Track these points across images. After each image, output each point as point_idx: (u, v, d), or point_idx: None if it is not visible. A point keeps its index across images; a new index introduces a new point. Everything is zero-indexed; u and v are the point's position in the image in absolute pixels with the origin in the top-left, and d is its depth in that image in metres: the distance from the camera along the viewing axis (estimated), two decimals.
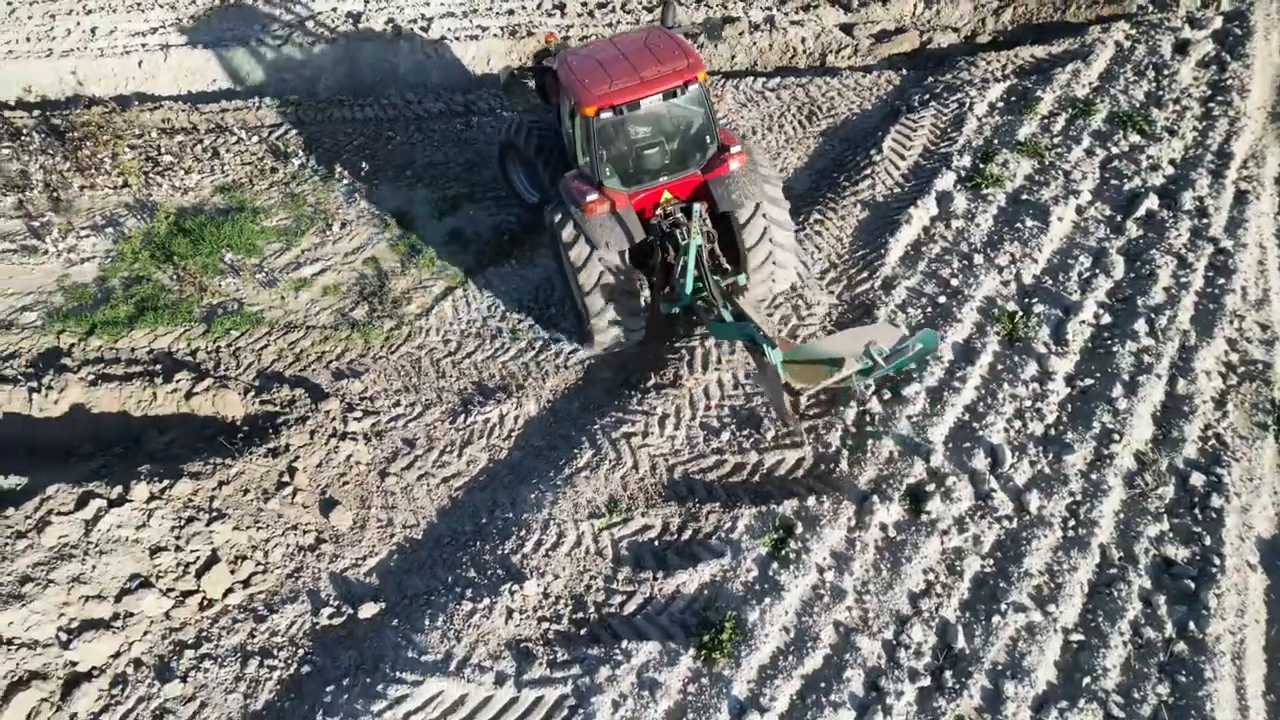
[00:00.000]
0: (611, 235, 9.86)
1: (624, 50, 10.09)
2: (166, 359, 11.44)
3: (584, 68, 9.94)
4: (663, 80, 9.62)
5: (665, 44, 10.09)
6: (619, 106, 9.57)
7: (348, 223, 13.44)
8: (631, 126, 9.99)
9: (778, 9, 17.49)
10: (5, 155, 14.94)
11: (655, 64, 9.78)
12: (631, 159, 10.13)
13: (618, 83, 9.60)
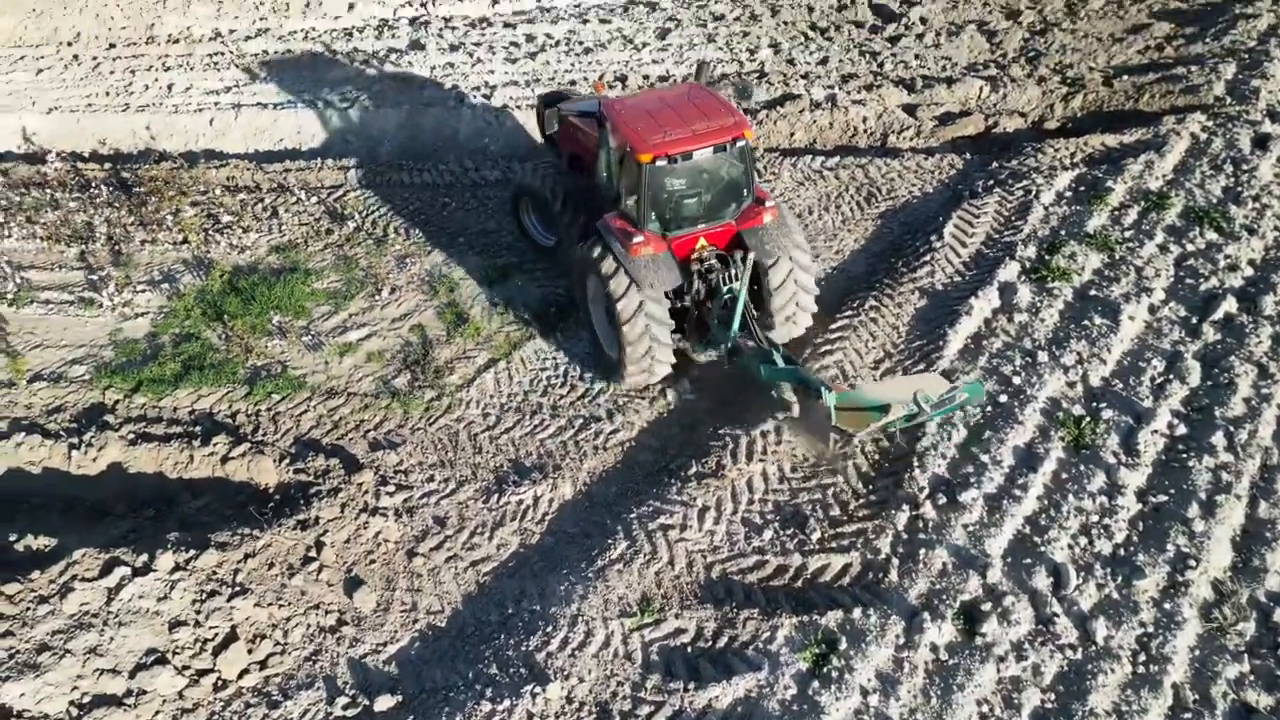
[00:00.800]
0: (655, 276, 10.34)
1: (670, 103, 10.71)
2: (207, 420, 11.40)
3: (634, 116, 10.49)
4: (715, 134, 10.23)
5: (710, 101, 10.80)
6: (674, 155, 10.10)
7: (397, 288, 13.41)
8: (680, 175, 10.49)
9: (840, 88, 17.36)
10: (74, 207, 15.34)
11: (704, 118, 10.38)
12: (674, 206, 10.66)
13: (672, 133, 10.15)
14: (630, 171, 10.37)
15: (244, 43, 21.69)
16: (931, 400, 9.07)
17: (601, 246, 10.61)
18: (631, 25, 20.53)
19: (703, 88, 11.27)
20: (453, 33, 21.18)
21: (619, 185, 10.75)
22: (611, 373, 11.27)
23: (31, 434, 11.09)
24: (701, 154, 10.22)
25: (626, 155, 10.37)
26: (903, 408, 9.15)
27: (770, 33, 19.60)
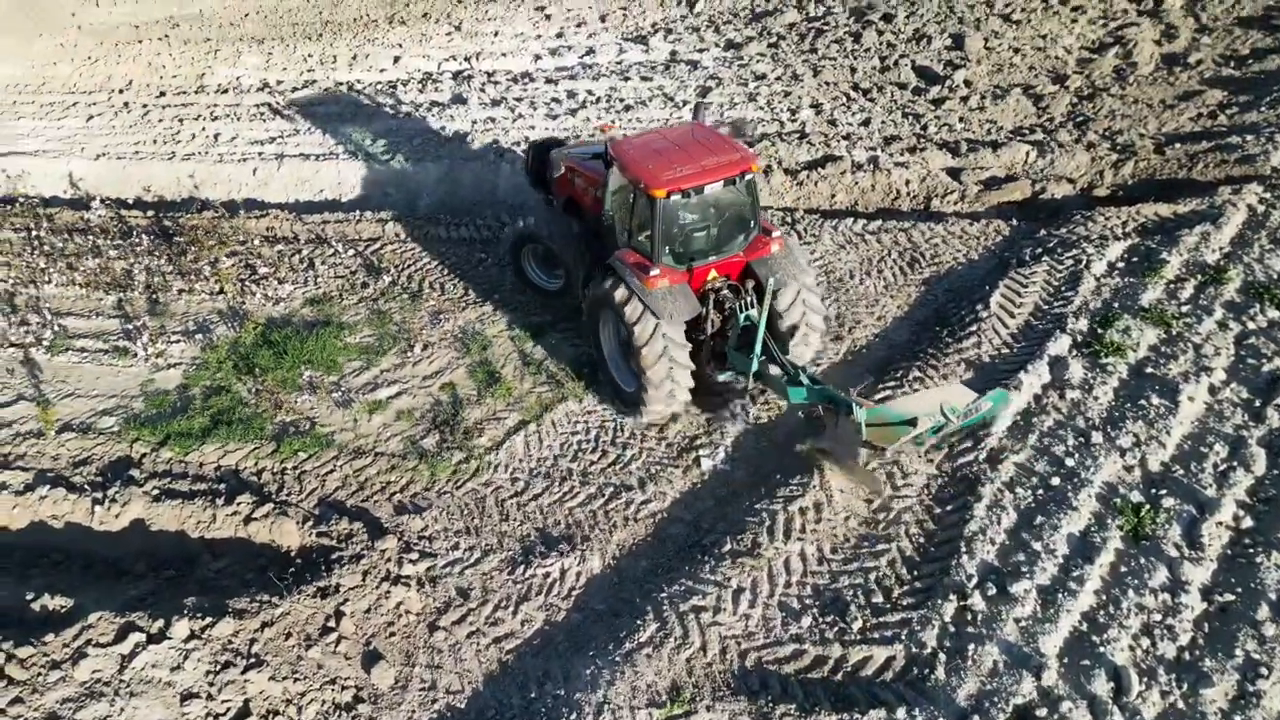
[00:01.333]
0: (673, 306, 10.62)
1: (677, 142, 11.10)
2: (232, 477, 11.20)
3: (644, 155, 10.85)
4: (723, 169, 10.57)
5: (714, 138, 11.25)
6: (687, 190, 10.41)
7: (430, 345, 13.24)
8: (691, 210, 10.88)
9: (882, 149, 17.13)
10: (114, 254, 15.43)
11: (711, 154, 10.75)
12: (686, 239, 11.00)
13: (682, 169, 10.49)
14: (643, 207, 10.68)
15: (291, 93, 22.03)
16: (958, 411, 9.43)
17: (616, 282, 10.85)
18: (673, 83, 20.55)
19: (705, 126, 11.68)
20: (495, 87, 21.35)
21: (631, 222, 11.01)
22: (630, 410, 11.52)
23: (56, 487, 10.96)
24: (711, 188, 10.55)
25: (639, 192, 10.65)
26: (929, 420, 9.42)
27: (812, 93, 19.50)
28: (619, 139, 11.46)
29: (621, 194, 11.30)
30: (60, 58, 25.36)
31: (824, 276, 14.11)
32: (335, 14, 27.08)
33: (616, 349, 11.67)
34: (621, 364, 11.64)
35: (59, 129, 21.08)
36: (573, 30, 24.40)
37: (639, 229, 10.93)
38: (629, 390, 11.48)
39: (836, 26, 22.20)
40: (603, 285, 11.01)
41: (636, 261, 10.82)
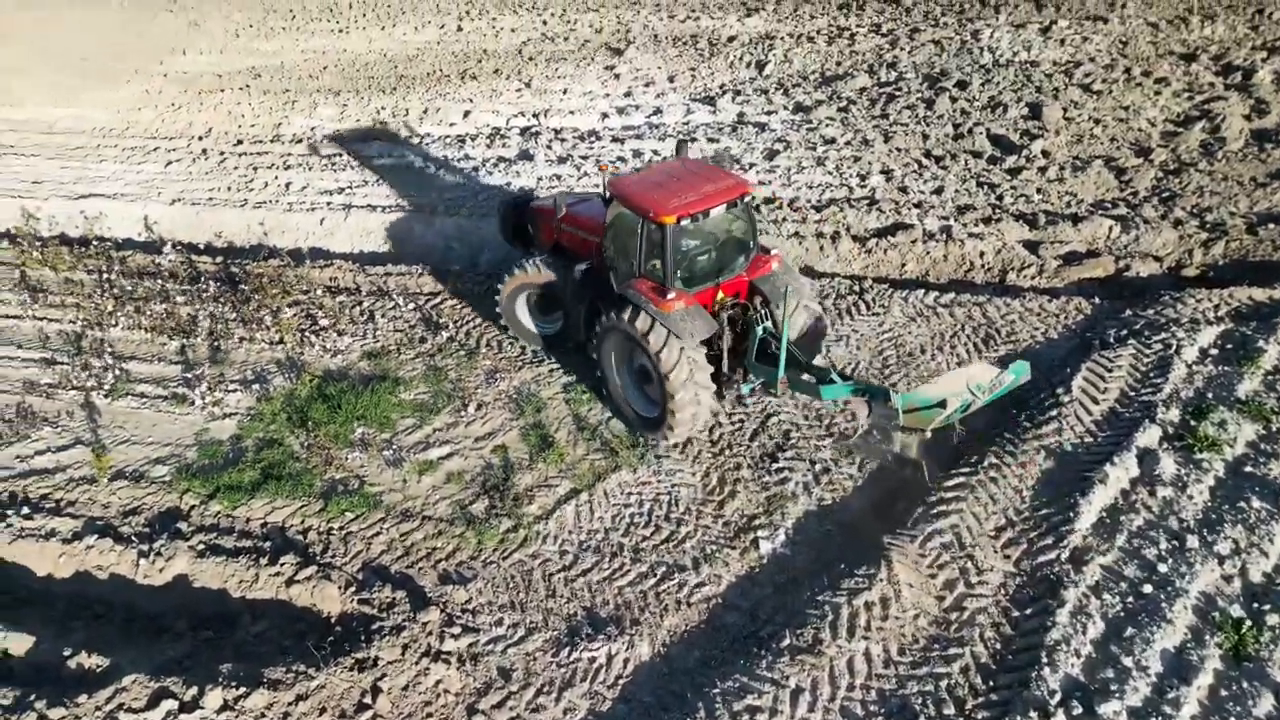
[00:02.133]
0: (692, 326, 11.10)
1: (674, 174, 11.70)
2: (278, 535, 10.98)
3: (647, 187, 11.38)
4: (723, 194, 11.18)
5: (707, 168, 11.88)
6: (695, 215, 10.92)
7: (484, 404, 12.99)
8: (697, 234, 11.52)
9: (955, 219, 16.63)
10: (180, 300, 15.59)
11: (710, 182, 11.36)
12: (694, 263, 11.56)
13: (685, 196, 11.03)
14: (653, 235, 11.12)
15: (361, 146, 22.40)
16: (983, 387, 10.05)
17: (634, 310, 11.24)
18: (739, 145, 20.38)
19: (694, 159, 12.33)
20: (561, 144, 21.42)
21: (640, 252, 11.38)
22: (650, 432, 11.93)
23: (104, 537, 10.86)
24: (715, 212, 11.09)
25: (646, 222, 11.08)
26: (958, 399, 9.95)
27: (882, 158, 19.12)
28: (617, 177, 11.97)
29: (625, 227, 11.72)
30: (145, 104, 26.27)
31: (892, 350, 13.57)
32: (409, 69, 27.70)
33: (630, 378, 12.14)
34: (637, 392, 12.14)
35: (138, 173, 21.68)
36: (641, 90, 24.51)
37: (648, 257, 11.33)
38: (649, 416, 11.92)
39: (909, 92, 21.90)
40: (619, 315, 11.35)
41: (651, 287, 11.26)
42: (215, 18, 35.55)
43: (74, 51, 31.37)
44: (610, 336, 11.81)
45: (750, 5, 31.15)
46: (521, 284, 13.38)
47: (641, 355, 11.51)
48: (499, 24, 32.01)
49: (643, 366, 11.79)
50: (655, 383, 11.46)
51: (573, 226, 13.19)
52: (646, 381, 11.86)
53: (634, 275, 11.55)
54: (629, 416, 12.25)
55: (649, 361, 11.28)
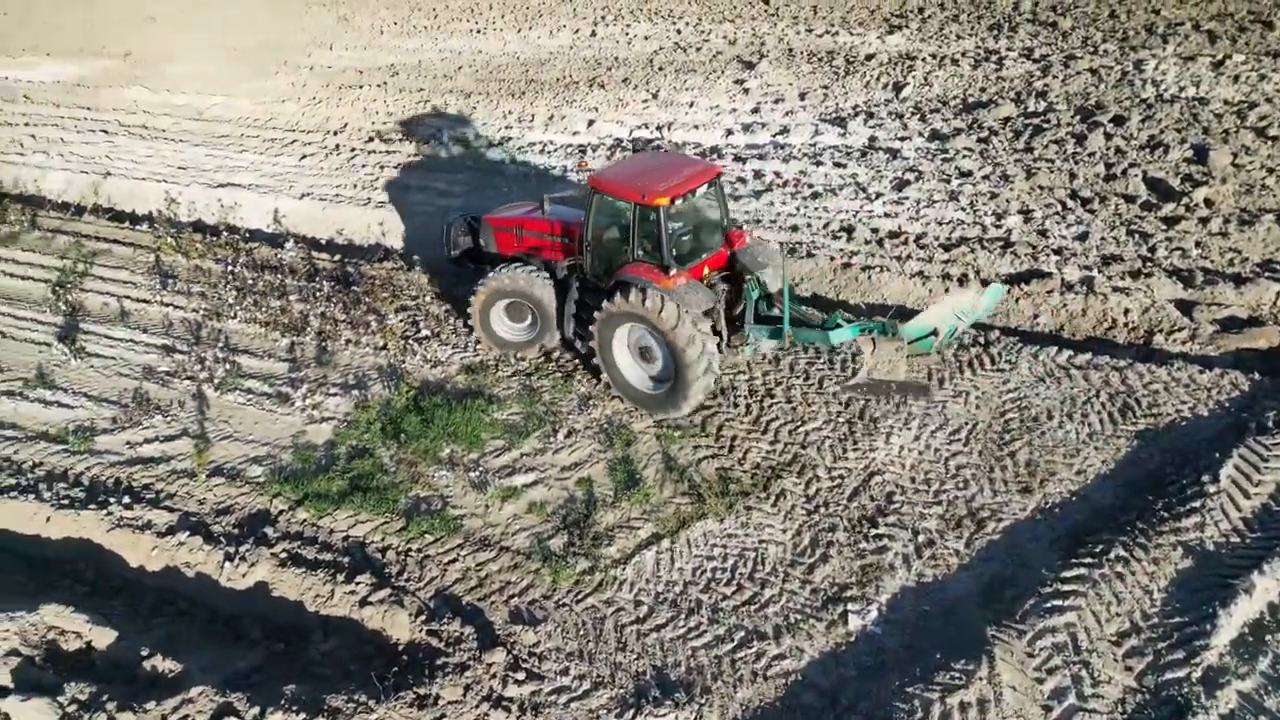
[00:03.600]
0: (695, 299, 11.95)
1: (648, 164, 13.22)
2: (358, 550, 10.93)
3: (630, 177, 12.36)
4: (701, 175, 12.30)
5: (678, 156, 14.02)
6: (685, 195, 11.90)
7: (574, 432, 12.67)
8: (684, 215, 12.55)
9: (1099, 270, 15.30)
10: (295, 297, 15.92)
11: (685, 167, 12.60)
12: (683, 242, 12.56)
13: (668, 181, 11.94)
14: (646, 221, 11.99)
15: (485, 150, 22.55)
16: (967, 311, 12.13)
17: (638, 292, 11.86)
18: (868, 172, 19.45)
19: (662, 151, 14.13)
20: None
21: (633, 239, 12.18)
22: (661, 408, 12.60)
23: (195, 534, 11.07)
24: (699, 192, 12.18)
25: (639, 208, 11.89)
26: (946, 325, 11.80)
27: (1022, 196, 17.85)
28: (595, 172, 12.86)
29: (612, 218, 12.61)
30: (289, 96, 27.25)
31: (1015, 412, 12.52)
32: (540, 73, 27.81)
33: (631, 359, 12.74)
34: (639, 371, 12.79)
35: (274, 165, 22.44)
36: (769, 106, 23.80)
37: (642, 243, 12.16)
38: (655, 393, 12.62)
39: (1058, 125, 20.43)
40: (625, 299, 11.94)
41: (648, 269, 12.00)
42: (364, 13, 36.75)
43: (229, 41, 32.96)
44: (611, 323, 12.36)
45: (893, 22, 29.95)
46: (495, 293, 13.68)
47: (645, 336, 12.35)
48: (633, 31, 31.84)
49: (645, 347, 12.54)
50: (661, 359, 12.39)
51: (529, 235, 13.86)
52: (649, 360, 12.62)
53: (626, 263, 12.32)
54: (636, 397, 12.82)
55: (657, 339, 12.12)
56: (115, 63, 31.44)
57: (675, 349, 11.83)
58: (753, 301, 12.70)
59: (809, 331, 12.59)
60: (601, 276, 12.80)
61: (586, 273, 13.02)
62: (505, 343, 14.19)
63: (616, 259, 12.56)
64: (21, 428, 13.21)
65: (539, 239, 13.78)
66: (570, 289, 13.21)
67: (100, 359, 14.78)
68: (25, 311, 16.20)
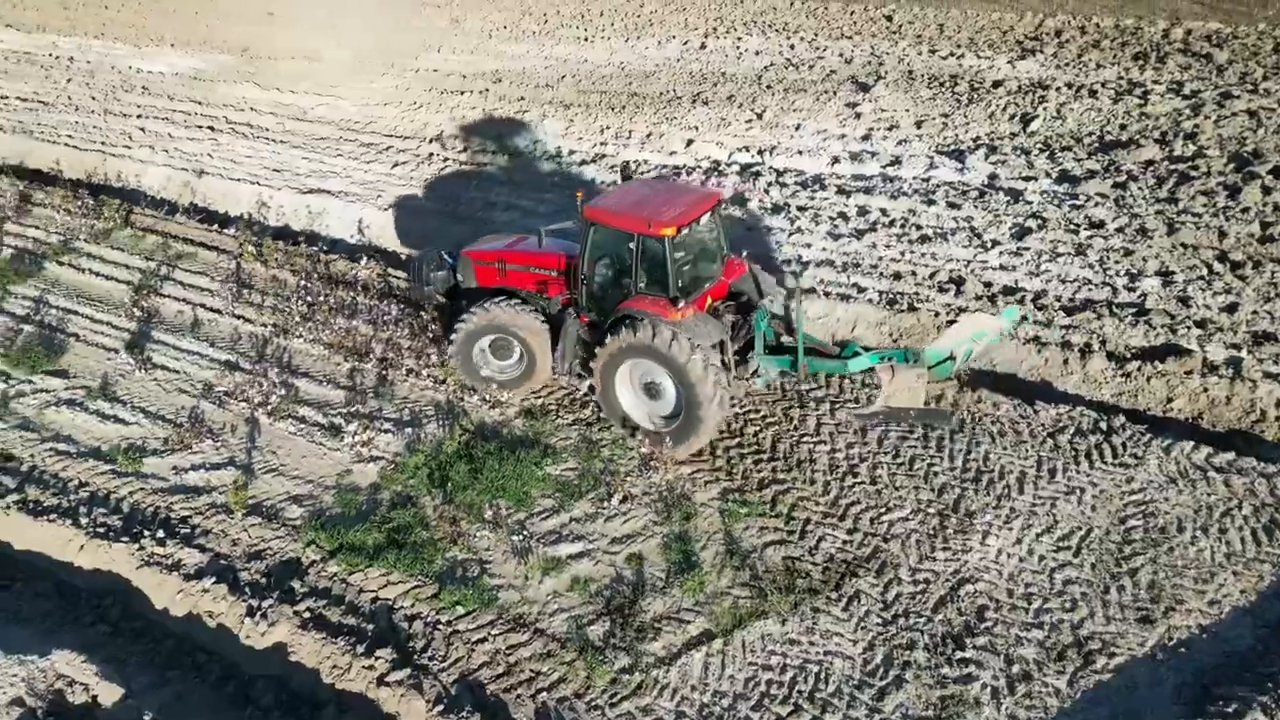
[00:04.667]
0: (705, 331, 11.63)
1: (646, 192, 12.44)
2: (385, 616, 10.14)
3: (630, 207, 11.77)
4: (703, 203, 11.98)
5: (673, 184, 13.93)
6: (690, 224, 11.56)
7: (631, 497, 11.62)
8: (688, 245, 12.05)
9: (1249, 350, 13.33)
10: (363, 320, 15.37)
11: (684, 194, 12.45)
12: (686, 272, 12.07)
13: (671, 210, 11.54)
14: (650, 251, 11.52)
15: (577, 167, 21.74)
16: (983, 335, 11.80)
17: (645, 326, 11.40)
18: (985, 216, 17.73)
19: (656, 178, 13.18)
20: (780, 189, 19.65)
21: (635, 271, 11.69)
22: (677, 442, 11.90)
23: (220, 581, 10.50)
24: (704, 220, 11.89)
25: (642, 239, 11.42)
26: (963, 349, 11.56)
27: (1162, 255, 15.88)
28: (591, 203, 12.07)
29: (611, 250, 12.11)
30: (392, 100, 27.08)
31: (1139, 519, 10.84)
32: (643, 86, 26.87)
33: (636, 396, 12.29)
34: (647, 405, 12.31)
35: (366, 172, 22.15)
36: (881, 134, 22.21)
37: (645, 274, 11.71)
38: (664, 430, 12.05)
39: (1207, 174, 18.23)
40: (633, 334, 11.47)
41: (654, 301, 11.57)
42: (475, 16, 36.59)
43: (343, 40, 33.21)
44: (615, 360, 11.87)
45: (1026, 45, 27.77)
46: (481, 330, 13.04)
47: (651, 371, 11.88)
48: (744, 45, 30.58)
49: (651, 383, 12.08)
50: (669, 395, 11.94)
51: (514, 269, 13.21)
52: (655, 397, 12.17)
53: (627, 296, 11.87)
54: (643, 434, 12.23)
55: (668, 374, 11.65)
56: (232, 58, 32.05)
57: (687, 385, 11.44)
58: (761, 332, 12.31)
59: (825, 361, 12.28)
60: (598, 310, 12.40)
61: (581, 306, 12.57)
62: (488, 381, 13.47)
63: (616, 292, 12.15)
64: (76, 442, 12.99)
65: (525, 272, 13.20)
66: (566, 324, 12.70)
67: (165, 371, 14.54)
68: (104, 315, 16.17)
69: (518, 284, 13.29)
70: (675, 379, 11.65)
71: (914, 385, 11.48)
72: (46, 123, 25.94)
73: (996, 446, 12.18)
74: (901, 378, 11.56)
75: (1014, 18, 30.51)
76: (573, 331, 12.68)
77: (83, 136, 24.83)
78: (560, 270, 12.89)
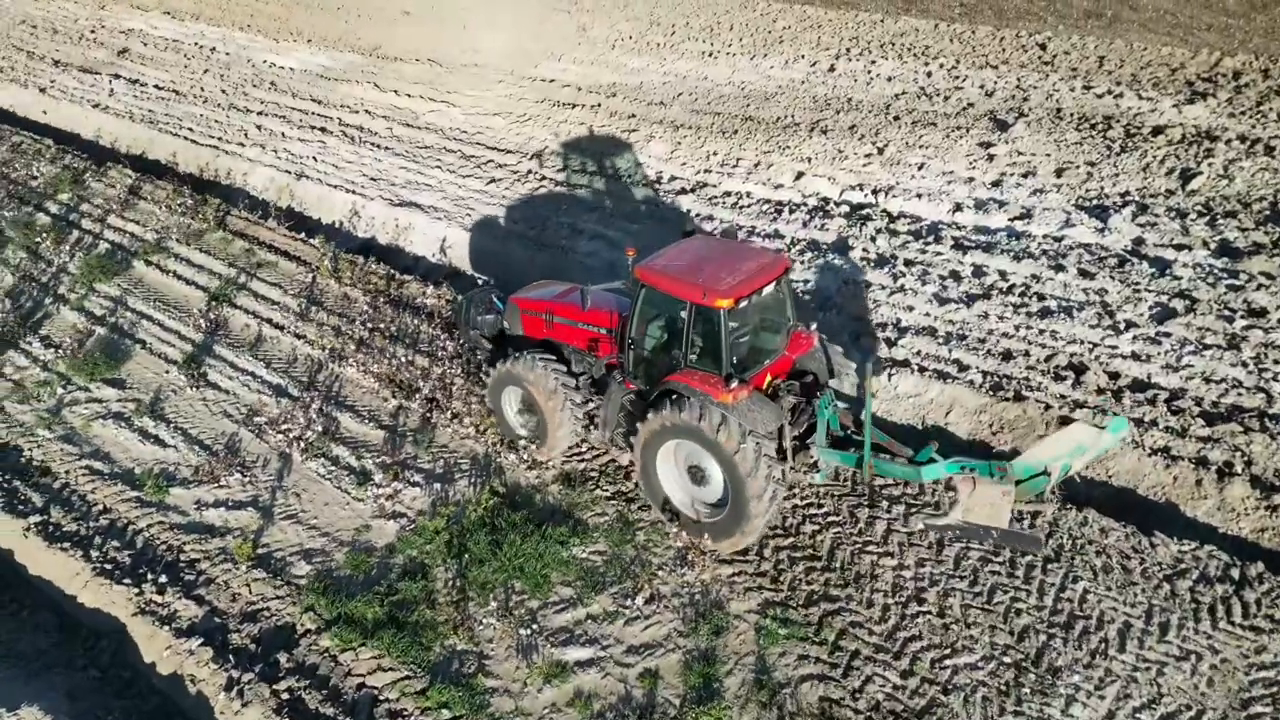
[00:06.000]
0: (761, 417, 10.26)
1: (705, 254, 11.01)
2: (366, 711, 9.25)
3: (685, 272, 10.52)
4: (768, 272, 10.59)
5: (734, 245, 11.72)
6: (749, 296, 10.27)
7: (657, 598, 10.37)
8: (748, 317, 10.77)
9: None
10: (423, 349, 14.66)
11: (748, 259, 10.79)
12: (745, 347, 10.89)
13: (730, 278, 10.30)
14: (704, 323, 10.40)
15: (675, 196, 20.55)
16: (1085, 449, 9.96)
17: (691, 406, 10.28)
18: (1122, 290, 15.48)
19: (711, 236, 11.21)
20: (890, 238, 17.87)
21: (686, 342, 10.54)
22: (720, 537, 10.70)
23: (209, 644, 9.88)
24: (768, 290, 10.58)
25: (695, 308, 10.30)
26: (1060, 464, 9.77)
27: None
28: (644, 262, 10.92)
29: (662, 316, 11.12)
30: (502, 110, 26.61)
31: (1267, 700, 8.79)
32: (760, 109, 25.40)
33: (680, 479, 11.16)
34: (688, 494, 11.17)
35: (459, 187, 21.63)
36: (1015, 180, 20.02)
37: (697, 346, 10.60)
38: (710, 521, 10.85)
39: None
40: (678, 413, 10.34)
41: (706, 379, 10.37)
42: (602, 25, 35.87)
43: (466, 45, 33.10)
44: (657, 437, 10.74)
45: (1197, 87, 24.71)
46: (507, 379, 12.19)
47: (697, 453, 10.70)
48: (876, 69, 28.58)
49: (696, 466, 10.93)
50: (717, 482, 10.75)
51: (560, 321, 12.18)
52: (700, 482, 11.01)
53: (675, 368, 10.71)
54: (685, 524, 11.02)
55: (716, 462, 10.46)
56: (360, 57, 32.44)
57: (736, 477, 10.24)
58: (824, 420, 11.02)
59: (894, 466, 10.69)
60: (644, 379, 11.31)
61: (627, 371, 11.42)
62: (516, 434, 12.62)
63: (664, 362, 11.06)
64: (113, 461, 12.78)
65: (572, 327, 12.13)
66: (611, 388, 11.61)
67: (215, 391, 14.25)
68: (174, 322, 16.12)
69: (564, 338, 12.29)
70: (723, 468, 10.41)
71: (997, 502, 9.89)
72: (174, 114, 26.74)
73: (1098, 585, 10.28)
74: (983, 492, 10.00)
75: (1186, 54, 27.31)
76: (616, 398, 11.54)
77: (203, 130, 25.41)
78: (610, 329, 11.76)
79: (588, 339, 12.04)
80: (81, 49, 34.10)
